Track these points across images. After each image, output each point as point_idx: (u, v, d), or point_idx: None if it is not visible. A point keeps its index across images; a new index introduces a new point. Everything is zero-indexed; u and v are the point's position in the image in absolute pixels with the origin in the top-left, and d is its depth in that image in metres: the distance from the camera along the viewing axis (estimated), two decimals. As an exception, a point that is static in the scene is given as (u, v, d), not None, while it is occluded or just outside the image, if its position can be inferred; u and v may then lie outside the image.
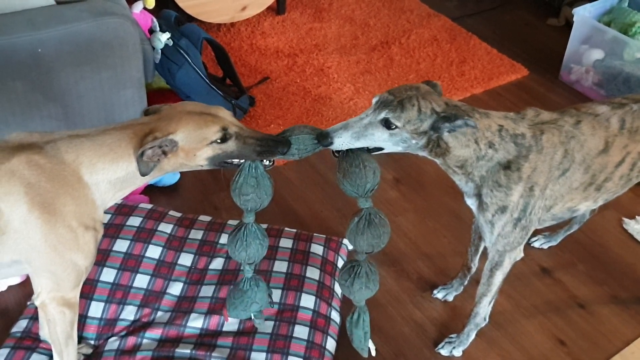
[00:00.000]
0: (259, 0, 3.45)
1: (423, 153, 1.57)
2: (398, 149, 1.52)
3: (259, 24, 3.56)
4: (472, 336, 1.98)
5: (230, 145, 1.46)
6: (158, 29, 2.69)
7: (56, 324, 1.57)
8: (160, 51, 2.65)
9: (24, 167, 1.39)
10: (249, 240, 1.59)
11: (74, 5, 2.13)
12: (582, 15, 3.15)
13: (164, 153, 1.43)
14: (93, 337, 1.88)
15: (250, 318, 1.78)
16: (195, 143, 1.43)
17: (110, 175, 1.46)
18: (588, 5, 3.23)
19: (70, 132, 1.49)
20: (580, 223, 2.30)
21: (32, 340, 1.83)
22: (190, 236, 2.13)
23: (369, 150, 1.54)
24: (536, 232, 2.37)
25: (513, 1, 3.97)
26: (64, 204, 1.42)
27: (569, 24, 3.43)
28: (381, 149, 1.53)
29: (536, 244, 2.37)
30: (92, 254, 1.52)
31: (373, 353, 1.86)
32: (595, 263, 2.33)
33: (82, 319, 1.88)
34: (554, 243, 2.37)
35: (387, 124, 1.46)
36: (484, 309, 1.89)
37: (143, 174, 1.45)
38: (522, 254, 1.77)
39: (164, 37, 2.66)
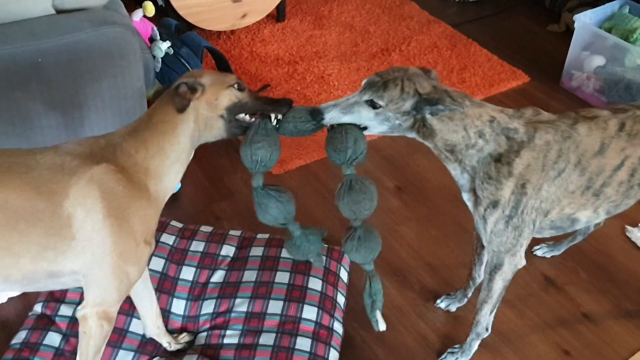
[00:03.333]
0: (259, 7, 3.45)
1: (411, 135, 1.62)
2: (383, 128, 1.58)
3: (259, 31, 3.55)
4: (475, 346, 1.96)
5: (245, 96, 1.58)
6: (158, 37, 2.69)
7: (91, 337, 1.57)
8: (160, 60, 2.65)
9: (103, 173, 1.42)
10: (265, 202, 1.66)
11: (74, 15, 2.12)
12: (583, 21, 3.15)
13: (194, 90, 1.52)
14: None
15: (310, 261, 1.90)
16: (217, 86, 1.55)
17: (177, 149, 1.52)
18: (589, 12, 3.22)
19: (123, 130, 1.54)
20: (584, 235, 2.28)
21: (29, 351, 1.82)
22: (191, 248, 2.11)
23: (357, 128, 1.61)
24: (539, 242, 2.36)
25: (513, 7, 3.96)
26: (134, 211, 1.46)
27: (569, 30, 3.42)
28: (366, 127, 1.60)
29: (539, 252, 2.36)
30: (144, 268, 1.55)
31: (381, 328, 1.81)
32: (599, 271, 2.32)
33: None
34: (557, 253, 2.35)
35: (372, 103, 1.54)
36: (484, 317, 1.88)
37: (180, 110, 1.51)
38: (523, 262, 1.75)
39: (164, 46, 2.65)
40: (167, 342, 1.87)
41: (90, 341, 1.58)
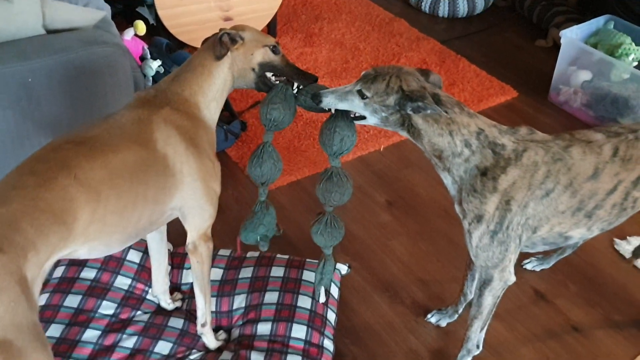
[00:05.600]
0: (250, 26, 3.47)
1: (403, 132, 1.67)
2: (375, 119, 1.66)
3: (250, 48, 3.58)
4: (466, 362, 1.97)
5: (277, 59, 1.77)
6: (149, 56, 2.71)
7: (204, 262, 1.77)
8: (151, 79, 2.67)
9: (169, 113, 1.63)
10: (265, 158, 1.86)
11: (64, 35, 2.14)
12: (569, 37, 3.19)
13: (234, 41, 1.71)
14: None
15: (257, 241, 2.04)
16: (255, 42, 1.75)
17: (213, 90, 1.71)
18: (575, 27, 3.27)
19: (166, 78, 1.73)
20: (574, 248, 2.30)
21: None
22: (183, 281, 2.14)
23: (355, 118, 1.71)
24: (529, 255, 2.37)
25: (501, 23, 4.01)
26: (201, 137, 1.67)
27: (556, 46, 3.46)
28: (363, 117, 1.69)
29: (529, 266, 2.37)
30: (220, 180, 1.74)
31: (320, 300, 2.03)
32: (588, 284, 2.33)
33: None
34: (546, 266, 2.36)
35: (361, 94, 1.63)
36: (475, 333, 1.88)
37: (218, 57, 1.70)
38: (513, 278, 1.75)
39: (155, 65, 2.67)
40: (166, 302, 2.03)
41: (204, 267, 1.77)
